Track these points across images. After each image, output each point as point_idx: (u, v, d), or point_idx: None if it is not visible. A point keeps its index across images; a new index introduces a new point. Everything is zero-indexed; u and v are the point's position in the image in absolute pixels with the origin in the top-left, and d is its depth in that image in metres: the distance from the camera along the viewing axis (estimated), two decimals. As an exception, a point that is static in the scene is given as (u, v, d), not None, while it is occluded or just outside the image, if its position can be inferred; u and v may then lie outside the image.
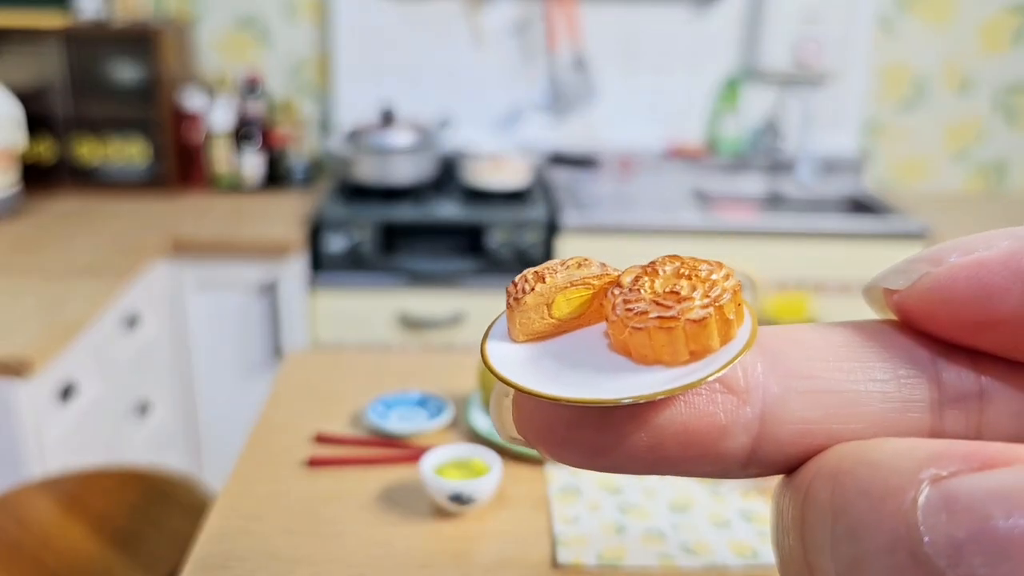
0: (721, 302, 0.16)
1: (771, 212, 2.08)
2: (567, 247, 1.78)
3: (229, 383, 1.85)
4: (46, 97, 1.93)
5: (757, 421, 0.16)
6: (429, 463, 0.79)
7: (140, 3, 2.01)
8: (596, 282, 0.18)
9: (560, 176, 2.10)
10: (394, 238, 1.81)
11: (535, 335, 0.18)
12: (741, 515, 0.57)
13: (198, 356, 1.83)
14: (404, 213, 1.81)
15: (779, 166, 2.14)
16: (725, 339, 0.16)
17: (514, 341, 0.18)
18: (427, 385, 0.85)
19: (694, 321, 0.16)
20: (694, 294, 0.17)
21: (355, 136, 1.92)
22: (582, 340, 0.18)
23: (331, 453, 0.76)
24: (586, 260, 0.19)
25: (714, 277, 0.17)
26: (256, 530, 0.77)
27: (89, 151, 1.97)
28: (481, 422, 0.81)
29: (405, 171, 1.90)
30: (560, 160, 2.13)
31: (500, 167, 1.90)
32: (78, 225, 1.78)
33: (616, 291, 0.18)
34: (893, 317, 0.17)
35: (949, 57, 2.15)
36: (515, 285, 0.18)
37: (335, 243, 1.77)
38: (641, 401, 0.15)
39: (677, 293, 0.17)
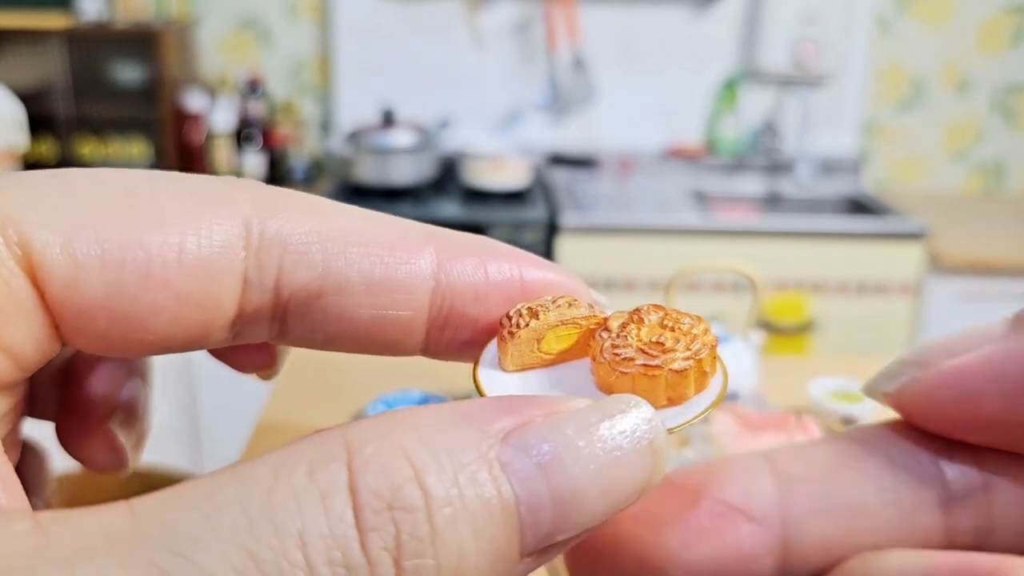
0: (701, 356, 0.18)
1: (770, 212, 2.09)
2: (566, 247, 1.79)
3: (231, 382, 1.86)
4: (48, 97, 1.94)
5: (780, 543, 0.17)
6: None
7: (141, 4, 2.02)
8: (584, 323, 0.20)
9: (559, 176, 2.11)
10: (394, 238, 1.82)
11: (524, 367, 0.20)
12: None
13: (200, 355, 1.84)
14: (405, 213, 1.81)
15: (778, 166, 2.15)
16: (700, 388, 0.18)
17: (504, 370, 0.20)
18: (427, 384, 0.86)
19: (676, 371, 0.18)
20: (677, 346, 0.18)
21: (356, 136, 1.93)
22: (567, 374, 0.20)
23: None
24: (575, 300, 0.20)
25: (695, 331, 0.19)
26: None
27: (91, 151, 1.98)
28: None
29: (405, 171, 1.91)
30: (559, 160, 2.13)
31: (500, 167, 1.91)
32: (80, 225, 1.79)
33: (604, 335, 0.19)
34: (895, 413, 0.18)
35: (947, 57, 2.16)
36: (509, 319, 0.20)
37: (335, 243, 1.78)
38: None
39: (662, 344, 0.18)
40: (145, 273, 0.16)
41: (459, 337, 0.20)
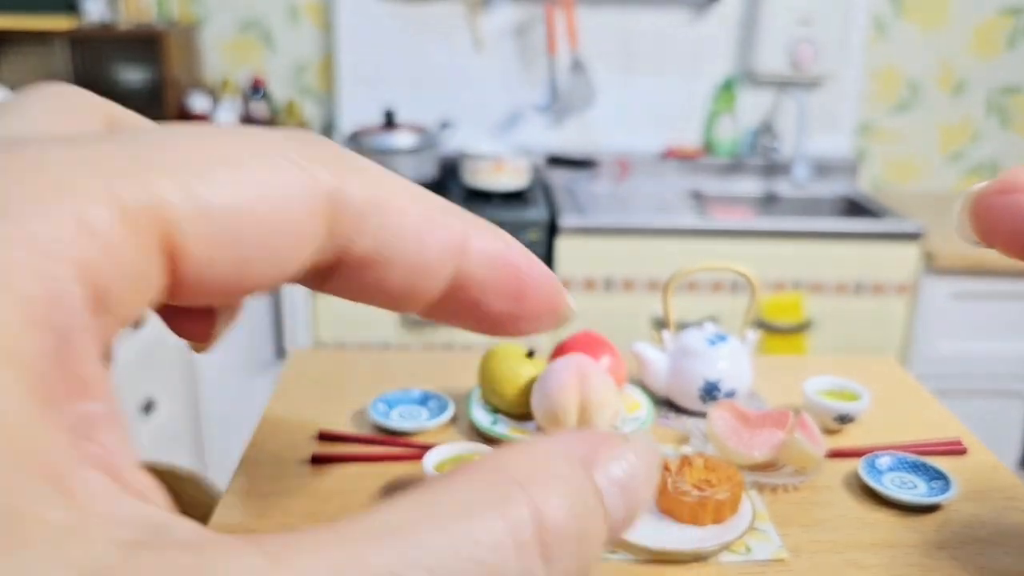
0: (734, 491, 0.28)
1: (766, 213, 2.11)
2: (566, 247, 1.81)
3: (233, 382, 1.88)
4: (52, 99, 1.95)
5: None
6: (431, 459, 0.81)
7: (144, 6, 2.03)
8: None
9: (559, 177, 2.12)
10: (395, 238, 1.83)
11: None
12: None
13: (202, 355, 1.85)
14: (405, 214, 1.84)
15: (775, 167, 2.17)
16: (733, 512, 0.28)
17: None
18: (428, 384, 0.88)
19: (719, 500, 0.28)
20: (720, 484, 0.28)
21: (357, 137, 1.94)
22: None
23: (334, 450, 0.78)
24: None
25: (729, 474, 0.29)
26: (260, 527, 0.79)
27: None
28: (481, 418, 0.84)
29: (407, 172, 1.92)
30: (559, 161, 2.15)
31: (500, 168, 1.92)
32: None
33: (666, 473, 0.29)
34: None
35: (943, 59, 2.18)
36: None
37: (337, 243, 1.79)
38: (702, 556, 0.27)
39: (709, 482, 0.29)
40: (260, 258, 0.19)
41: (457, 310, 0.23)
